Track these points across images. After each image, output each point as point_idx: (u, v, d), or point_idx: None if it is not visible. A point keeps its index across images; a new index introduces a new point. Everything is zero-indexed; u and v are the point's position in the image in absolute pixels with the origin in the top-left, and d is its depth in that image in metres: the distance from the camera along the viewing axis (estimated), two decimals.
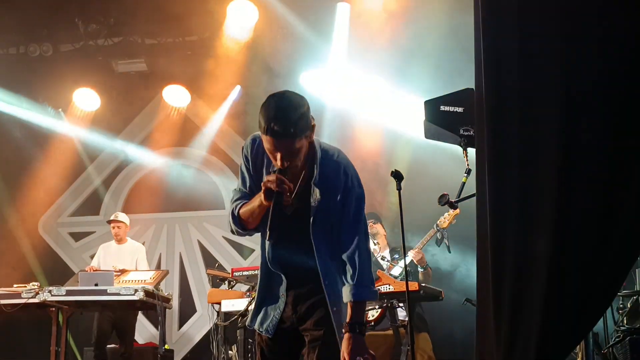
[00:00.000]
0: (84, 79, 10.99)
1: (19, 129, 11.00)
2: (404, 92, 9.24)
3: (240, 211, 3.77)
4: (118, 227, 9.98)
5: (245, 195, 3.83)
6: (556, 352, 3.72)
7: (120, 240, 10.00)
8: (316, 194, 3.72)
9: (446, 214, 7.06)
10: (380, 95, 9.87)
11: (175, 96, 11.17)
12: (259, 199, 3.60)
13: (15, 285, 9.01)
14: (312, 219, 3.73)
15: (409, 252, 7.20)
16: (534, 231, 3.71)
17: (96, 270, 9.46)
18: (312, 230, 3.73)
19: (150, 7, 9.66)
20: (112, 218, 10.09)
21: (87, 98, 11.24)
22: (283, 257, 3.82)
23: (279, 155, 3.49)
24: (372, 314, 7.44)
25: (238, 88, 11.02)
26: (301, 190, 3.73)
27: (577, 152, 3.67)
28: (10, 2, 9.32)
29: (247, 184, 3.86)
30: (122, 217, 10.10)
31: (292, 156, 3.53)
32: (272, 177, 3.51)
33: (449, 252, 7.46)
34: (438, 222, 7.17)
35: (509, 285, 3.76)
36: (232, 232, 3.90)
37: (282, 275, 3.81)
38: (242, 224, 3.78)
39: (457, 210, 6.62)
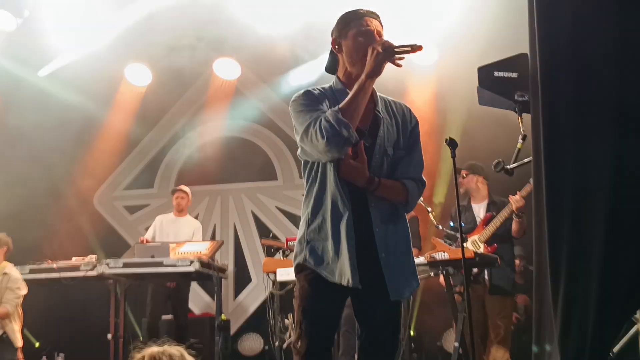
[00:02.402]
0: (134, 54, 11.09)
1: (73, 105, 11.11)
2: (455, 57, 9.17)
3: (342, 106, 3.57)
4: (182, 197, 10.04)
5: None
6: (614, 321, 3.71)
7: (180, 212, 10.06)
8: (384, 124, 3.82)
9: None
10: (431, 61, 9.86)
11: (226, 69, 11.21)
12: (358, 84, 3.61)
13: (73, 259, 9.13)
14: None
15: (511, 197, 7.12)
16: (589, 201, 3.70)
17: (149, 242, 9.59)
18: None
19: None
20: (177, 187, 10.18)
21: (138, 73, 11.36)
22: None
23: (375, 33, 3.75)
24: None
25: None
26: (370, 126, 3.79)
27: (635, 120, 3.63)
28: None
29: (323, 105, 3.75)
30: (186, 188, 10.17)
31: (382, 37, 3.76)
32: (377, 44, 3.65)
33: None
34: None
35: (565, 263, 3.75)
36: (317, 144, 3.56)
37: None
38: (346, 126, 3.51)
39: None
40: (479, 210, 7.64)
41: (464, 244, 7.45)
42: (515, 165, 5.11)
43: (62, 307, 10.26)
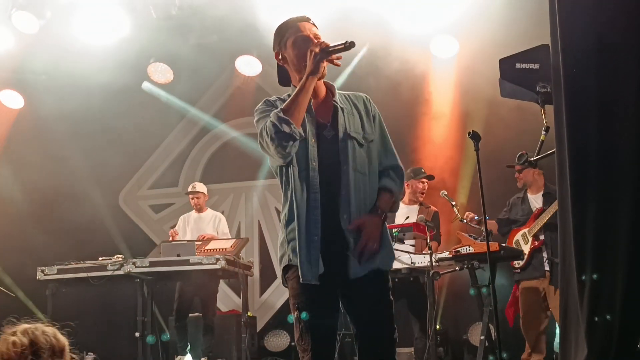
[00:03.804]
0: (156, 53, 11.13)
1: (99, 105, 11.17)
2: (475, 49, 9.12)
3: (284, 106, 3.74)
4: (197, 197, 10.13)
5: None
6: (636, 329, 3.68)
7: (200, 210, 10.15)
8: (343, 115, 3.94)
9: None
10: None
11: (247, 65, 11.21)
12: (300, 84, 3.78)
13: (100, 258, 9.19)
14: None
15: None
16: (615, 192, 3.67)
17: (178, 236, 9.64)
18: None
19: None
20: (190, 190, 10.24)
21: (160, 71, 11.38)
22: None
23: (312, 36, 3.90)
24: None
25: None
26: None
27: None
28: None
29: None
30: (200, 187, 10.25)
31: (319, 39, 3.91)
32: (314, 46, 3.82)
33: None
34: None
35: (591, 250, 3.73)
36: (267, 146, 3.77)
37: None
38: (287, 122, 3.67)
39: None
40: (535, 201, 7.64)
41: (517, 238, 7.49)
42: (538, 157, 5.09)
43: (90, 307, 10.31)
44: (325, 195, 3.79)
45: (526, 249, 7.32)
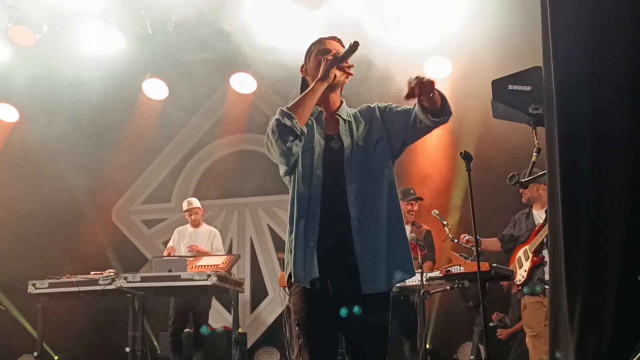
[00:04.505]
0: (151, 69, 11.14)
1: (93, 120, 11.17)
2: (468, 69, 9.15)
3: (290, 104, 3.81)
4: (195, 213, 10.08)
5: None
6: (625, 350, 3.69)
7: (197, 225, 10.12)
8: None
9: None
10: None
11: (242, 83, 11.22)
12: (310, 86, 3.88)
13: (92, 273, 9.17)
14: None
15: None
16: (606, 215, 3.69)
17: (169, 254, 9.62)
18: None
19: None
20: (187, 208, 10.16)
21: (155, 87, 11.39)
22: None
23: (333, 51, 3.94)
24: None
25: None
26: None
27: None
28: None
29: None
30: (197, 202, 10.20)
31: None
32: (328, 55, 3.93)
33: None
34: None
35: (583, 275, 3.74)
36: (271, 143, 3.84)
37: None
38: (289, 116, 3.73)
39: None
40: (539, 217, 7.64)
41: (519, 254, 7.51)
42: (529, 178, 5.12)
43: (81, 321, 10.31)
44: (330, 204, 3.80)
45: (526, 265, 7.31)
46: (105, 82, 10.48)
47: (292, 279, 3.75)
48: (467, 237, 7.63)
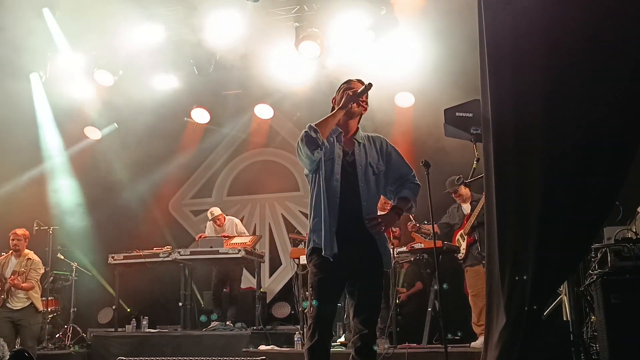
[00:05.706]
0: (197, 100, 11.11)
1: (156, 138, 11.13)
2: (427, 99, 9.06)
3: (315, 123, 3.83)
4: (219, 219, 9.67)
5: None
6: (546, 291, 3.70)
7: (221, 225, 9.73)
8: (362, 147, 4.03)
9: None
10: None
11: (263, 111, 11.17)
12: (333, 112, 3.96)
13: (154, 248, 9.25)
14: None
15: None
16: (528, 201, 3.70)
17: (206, 237, 9.55)
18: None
19: None
20: (212, 217, 9.70)
21: (200, 114, 11.31)
22: None
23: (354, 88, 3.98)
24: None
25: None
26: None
27: (559, 147, 3.65)
28: None
29: None
30: (217, 210, 9.76)
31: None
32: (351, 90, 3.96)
33: None
34: None
35: (510, 242, 3.74)
36: (300, 149, 3.85)
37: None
38: (315, 130, 3.77)
39: None
40: (466, 208, 7.59)
41: (457, 237, 7.48)
42: (471, 179, 5.11)
43: (146, 284, 10.28)
44: (345, 201, 3.85)
45: (464, 244, 7.29)
46: (163, 111, 10.49)
47: (323, 252, 3.76)
48: (412, 223, 7.56)
